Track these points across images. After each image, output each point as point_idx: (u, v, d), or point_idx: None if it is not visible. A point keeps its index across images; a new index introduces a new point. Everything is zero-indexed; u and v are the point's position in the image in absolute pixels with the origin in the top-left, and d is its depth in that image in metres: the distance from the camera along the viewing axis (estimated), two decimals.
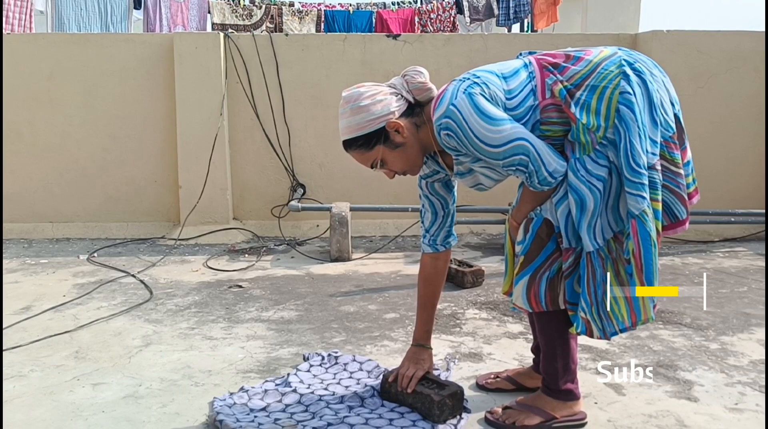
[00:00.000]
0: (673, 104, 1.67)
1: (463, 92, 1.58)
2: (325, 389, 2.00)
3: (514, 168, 1.60)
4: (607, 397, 1.96)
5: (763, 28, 4.39)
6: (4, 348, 2.34)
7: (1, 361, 2.20)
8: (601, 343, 2.37)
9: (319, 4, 7.13)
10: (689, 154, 1.71)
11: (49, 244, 4.14)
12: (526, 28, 7.51)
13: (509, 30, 7.37)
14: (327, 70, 4.33)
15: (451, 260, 3.33)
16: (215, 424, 1.78)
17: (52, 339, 2.46)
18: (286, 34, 4.49)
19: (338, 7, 7.15)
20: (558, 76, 1.61)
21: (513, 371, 2.06)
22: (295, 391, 1.97)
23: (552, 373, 1.78)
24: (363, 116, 1.66)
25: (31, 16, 6.72)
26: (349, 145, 1.71)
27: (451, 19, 7.18)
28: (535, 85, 1.62)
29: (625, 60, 1.61)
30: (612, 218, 1.62)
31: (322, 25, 6.96)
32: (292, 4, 6.95)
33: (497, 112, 1.57)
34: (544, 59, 1.65)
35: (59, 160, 4.34)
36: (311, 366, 2.17)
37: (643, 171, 1.55)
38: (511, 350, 2.35)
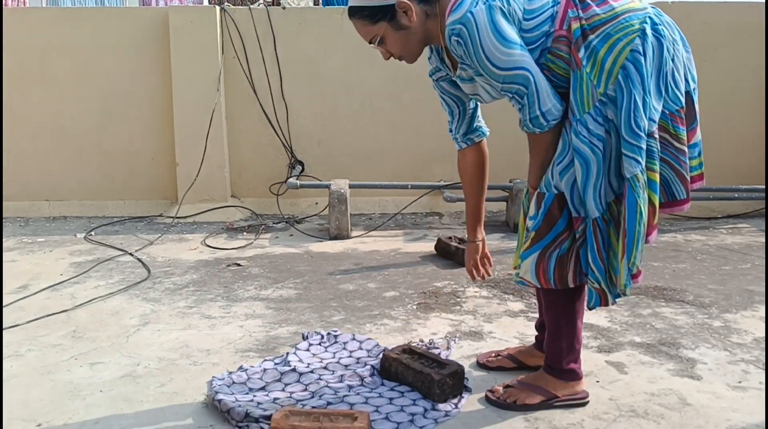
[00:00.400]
0: (688, 81, 1.61)
1: (484, 2, 1.52)
2: (325, 368, 1.99)
3: (510, 95, 1.58)
4: (609, 376, 1.95)
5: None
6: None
7: (1, 341, 2.19)
8: (602, 321, 2.36)
9: None
10: (698, 135, 1.65)
11: (46, 222, 4.11)
12: None
13: None
14: (325, 44, 4.25)
15: (450, 238, 3.30)
16: (213, 404, 1.77)
17: (50, 318, 2.44)
18: (284, 8, 4.40)
19: None
20: (580, 12, 1.56)
21: (514, 350, 2.04)
22: (294, 370, 1.96)
23: (556, 352, 1.76)
24: None
25: None
26: (354, 12, 1.64)
27: None
28: (556, 12, 1.57)
29: (650, 18, 1.55)
30: (615, 181, 1.59)
31: None
32: None
33: (511, 34, 1.53)
34: None
35: (54, 138, 4.28)
36: (310, 345, 2.16)
37: (642, 134, 1.51)
38: (512, 328, 2.33)
